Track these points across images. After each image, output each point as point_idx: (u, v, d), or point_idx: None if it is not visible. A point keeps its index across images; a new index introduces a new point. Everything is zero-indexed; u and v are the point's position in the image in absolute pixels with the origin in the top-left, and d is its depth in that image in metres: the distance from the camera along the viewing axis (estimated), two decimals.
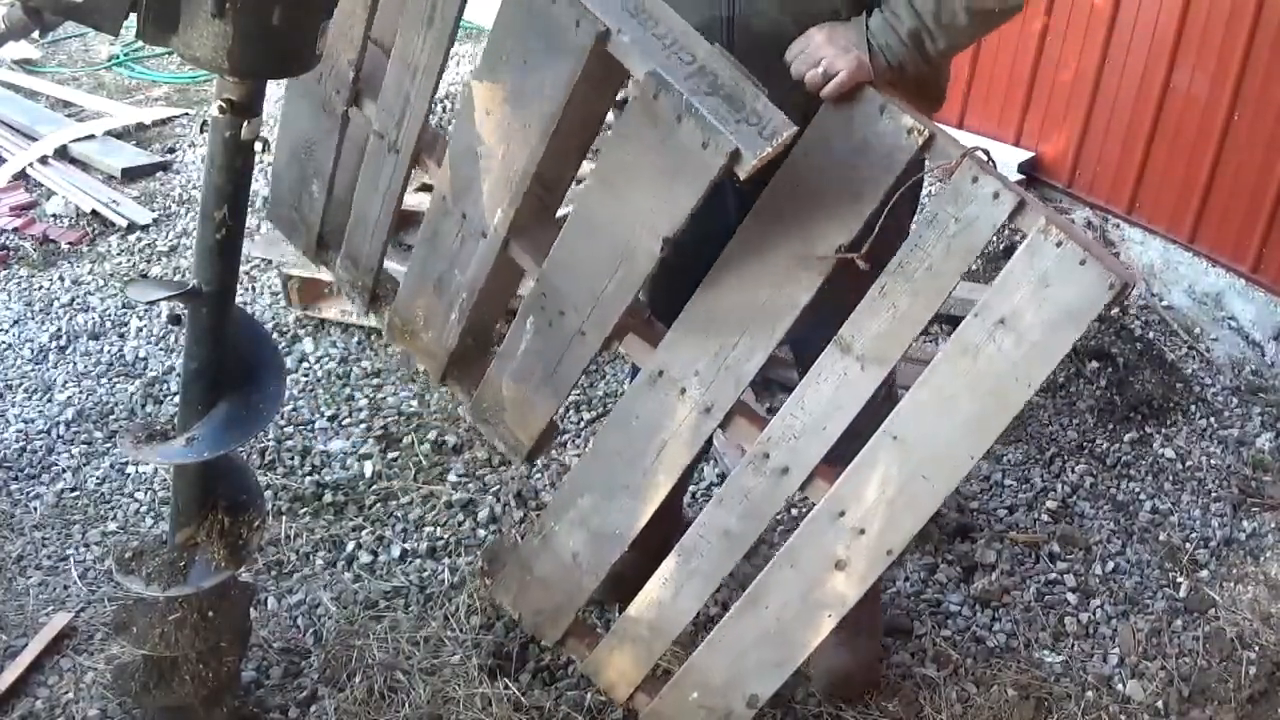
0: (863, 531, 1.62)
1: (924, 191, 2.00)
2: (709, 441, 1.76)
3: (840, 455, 1.65)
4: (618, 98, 1.77)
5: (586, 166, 2.22)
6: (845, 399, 1.58)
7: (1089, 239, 1.47)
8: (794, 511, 2.44)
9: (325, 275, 2.40)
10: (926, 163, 1.50)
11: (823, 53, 1.54)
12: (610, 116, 1.87)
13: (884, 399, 1.64)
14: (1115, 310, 3.37)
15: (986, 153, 1.48)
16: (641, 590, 1.84)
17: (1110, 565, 2.49)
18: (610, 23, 1.49)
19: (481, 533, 2.49)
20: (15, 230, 3.72)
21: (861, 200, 1.51)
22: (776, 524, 2.37)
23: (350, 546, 2.45)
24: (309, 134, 2.10)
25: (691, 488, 2.58)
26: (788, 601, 1.71)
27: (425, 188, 3.62)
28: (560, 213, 1.87)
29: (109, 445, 2.75)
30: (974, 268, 3.59)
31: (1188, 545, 2.56)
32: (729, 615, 1.78)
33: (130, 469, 2.67)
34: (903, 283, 1.51)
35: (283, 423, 2.80)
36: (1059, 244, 1.39)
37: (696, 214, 1.96)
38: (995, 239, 3.68)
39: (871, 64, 1.55)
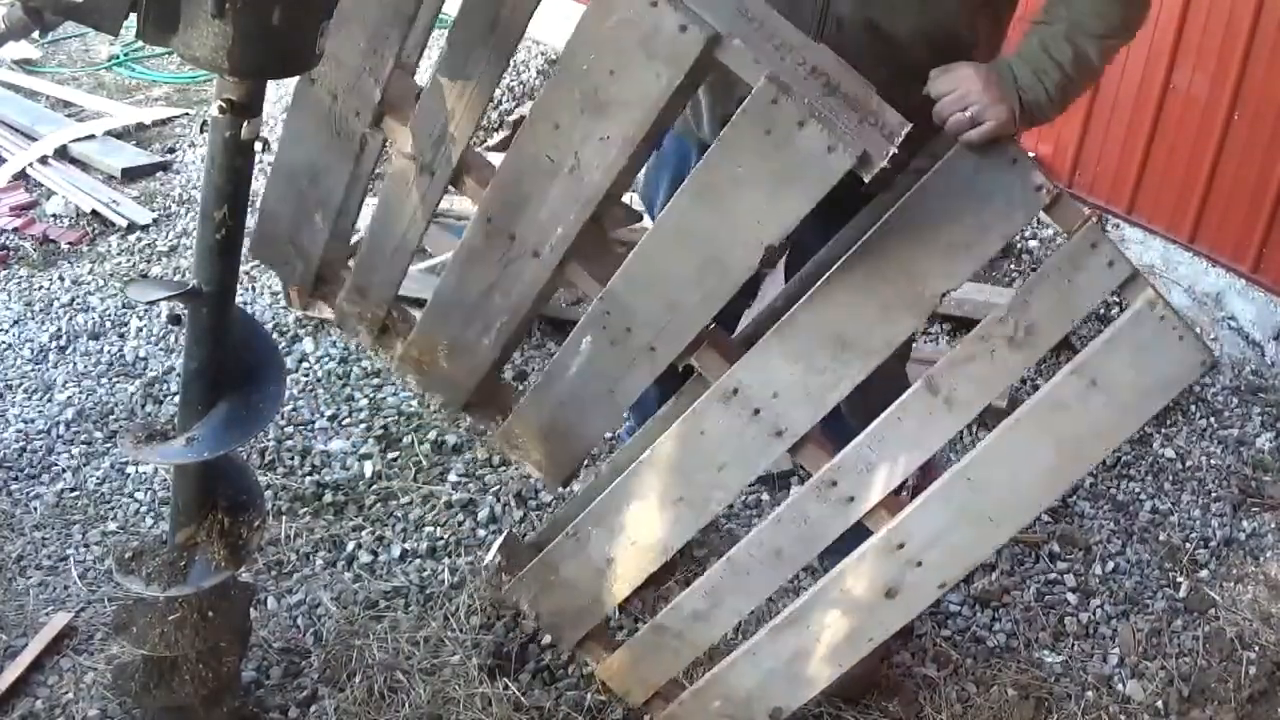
0: (920, 564, 1.65)
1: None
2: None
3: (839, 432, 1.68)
4: None
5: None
6: (926, 438, 1.60)
7: (1180, 315, 1.53)
8: None
9: (324, 313, 2.26)
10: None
11: (975, 98, 1.51)
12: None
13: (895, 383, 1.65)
14: (1115, 310, 3.37)
15: (1101, 218, 1.52)
16: (675, 600, 1.84)
17: (1110, 565, 2.49)
18: (721, 27, 1.41)
19: (481, 533, 2.49)
20: (15, 230, 3.72)
21: (974, 250, 1.52)
22: None
23: (350, 546, 2.45)
24: (315, 162, 1.96)
25: None
26: (833, 624, 1.72)
27: None
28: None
29: (109, 445, 2.75)
30: (985, 271, 3.59)
31: (1188, 545, 2.56)
32: (768, 630, 1.78)
33: (130, 469, 2.67)
34: (1007, 335, 1.52)
35: (283, 423, 2.80)
36: (1162, 318, 1.46)
37: None
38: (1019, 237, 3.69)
39: (1016, 116, 1.54)
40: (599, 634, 1.97)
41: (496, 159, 4.13)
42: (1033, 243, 3.62)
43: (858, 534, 1.70)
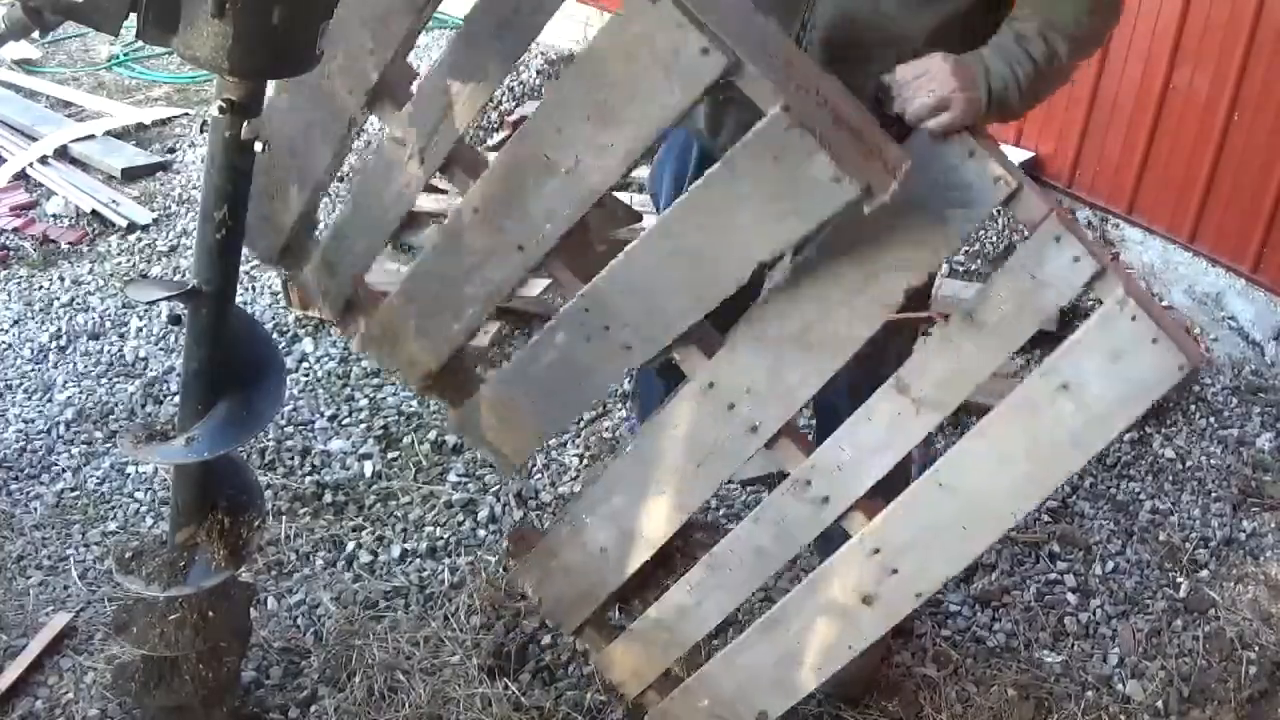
0: (895, 571, 1.63)
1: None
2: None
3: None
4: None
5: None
6: (895, 439, 1.58)
7: (1161, 312, 1.47)
8: None
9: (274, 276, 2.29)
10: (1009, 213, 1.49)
11: (941, 84, 1.48)
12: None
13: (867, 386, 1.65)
14: None
15: (1072, 211, 1.49)
16: (665, 593, 1.84)
17: (1110, 565, 2.49)
18: (742, 54, 1.43)
19: (481, 533, 2.49)
20: (15, 230, 3.72)
21: (934, 244, 1.50)
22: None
23: (350, 546, 2.45)
24: (297, 135, 1.99)
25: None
26: (813, 629, 1.71)
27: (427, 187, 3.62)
28: None
29: (109, 445, 2.75)
30: (976, 268, 3.58)
31: (1188, 545, 2.56)
32: (751, 631, 1.78)
33: (130, 469, 2.67)
34: (971, 332, 1.49)
35: (283, 423, 2.80)
36: (1134, 318, 1.39)
37: None
38: (997, 240, 3.70)
39: (983, 105, 1.52)
40: (597, 621, 1.97)
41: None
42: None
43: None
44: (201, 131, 4.40)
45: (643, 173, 3.68)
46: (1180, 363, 1.38)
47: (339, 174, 2.06)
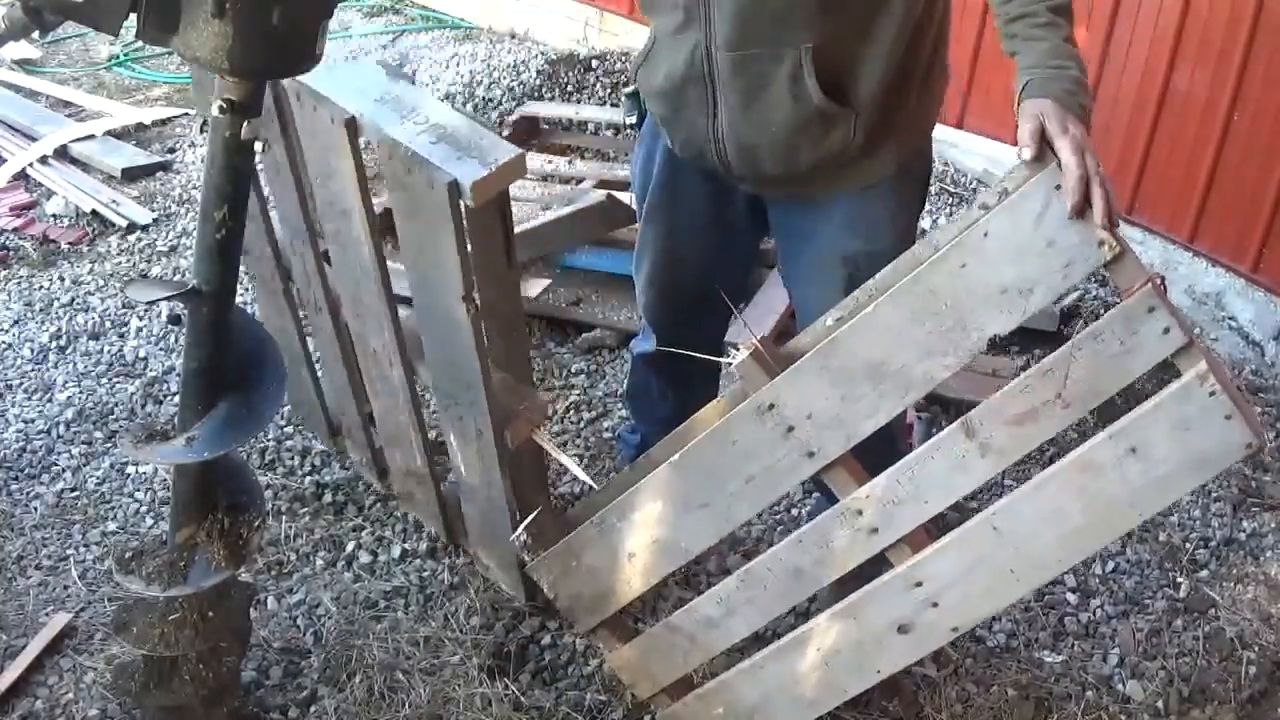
0: (935, 605, 1.63)
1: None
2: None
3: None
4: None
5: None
6: (957, 481, 1.56)
7: (1234, 388, 1.44)
8: None
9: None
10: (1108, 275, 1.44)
11: (1079, 156, 1.38)
12: None
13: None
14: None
15: (1162, 279, 1.45)
16: (691, 603, 1.84)
17: (1110, 565, 2.49)
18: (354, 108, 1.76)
19: None
20: (15, 230, 3.72)
21: (1030, 298, 1.45)
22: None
23: (350, 546, 2.45)
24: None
25: None
26: (841, 651, 1.71)
27: None
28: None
29: (109, 445, 2.75)
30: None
31: (1188, 545, 2.56)
32: (776, 647, 1.78)
33: (130, 469, 2.67)
34: (1048, 390, 1.47)
35: (283, 423, 2.80)
36: (1212, 394, 1.38)
37: (701, 225, 2.00)
38: None
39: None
40: (613, 623, 1.97)
41: None
42: None
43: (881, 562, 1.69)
44: (201, 131, 4.40)
45: None
46: (1249, 441, 1.39)
47: None
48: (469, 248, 1.78)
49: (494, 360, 1.96)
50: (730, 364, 1.63)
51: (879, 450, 1.66)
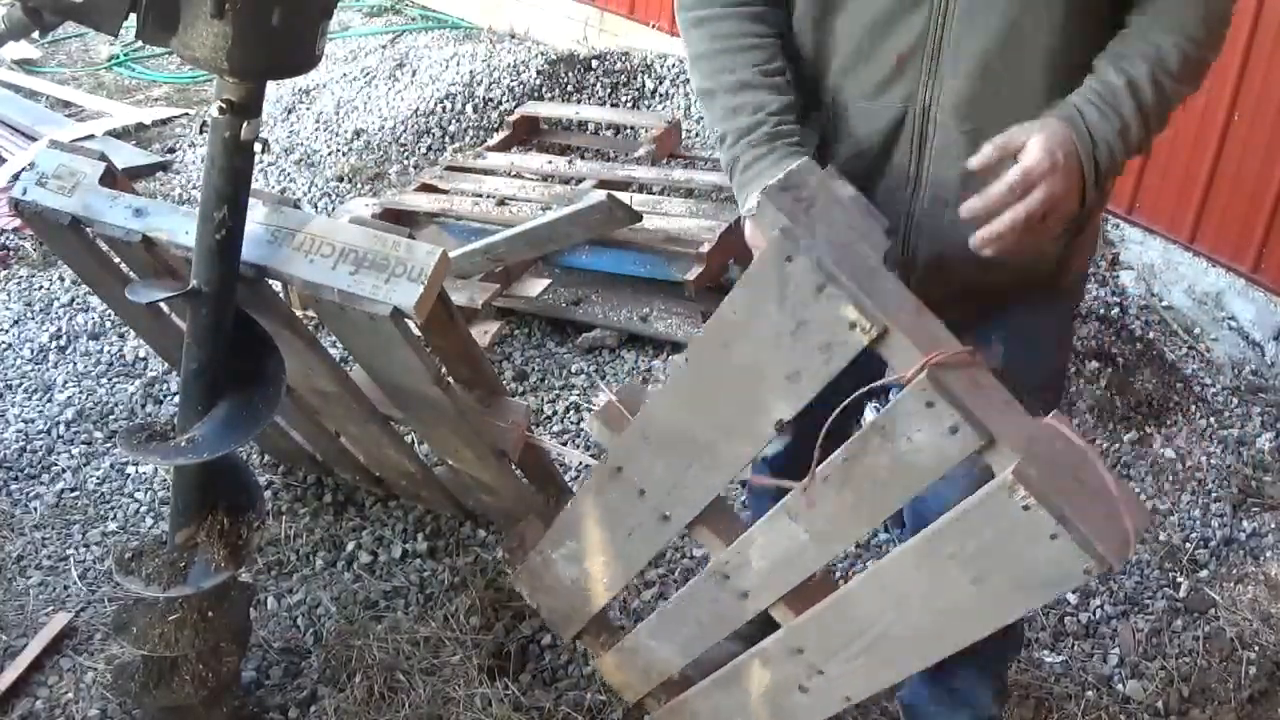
0: (821, 672, 1.51)
1: None
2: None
3: None
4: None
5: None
6: (791, 566, 1.45)
7: (1100, 474, 1.15)
8: None
9: None
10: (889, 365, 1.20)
11: (1045, 177, 1.20)
12: None
13: None
14: (1115, 310, 3.38)
15: (972, 352, 1.18)
16: (633, 629, 1.83)
17: None
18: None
19: (482, 533, 2.48)
20: (15, 230, 3.72)
21: (800, 383, 1.27)
22: None
23: (350, 546, 2.45)
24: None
25: None
26: (760, 695, 1.64)
27: (425, 188, 3.62)
28: None
29: (109, 445, 2.75)
30: None
31: (1188, 545, 2.56)
32: (709, 682, 1.74)
33: (130, 469, 2.67)
34: (846, 483, 1.30)
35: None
36: (1026, 507, 1.12)
37: None
38: None
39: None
40: (592, 631, 1.97)
41: (496, 159, 4.12)
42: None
43: None
44: (201, 132, 4.40)
45: (644, 172, 3.68)
46: (1085, 565, 1.11)
47: None
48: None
49: (461, 381, 1.97)
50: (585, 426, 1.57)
51: None
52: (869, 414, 2.07)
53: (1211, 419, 2.99)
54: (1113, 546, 1.12)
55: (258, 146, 1.47)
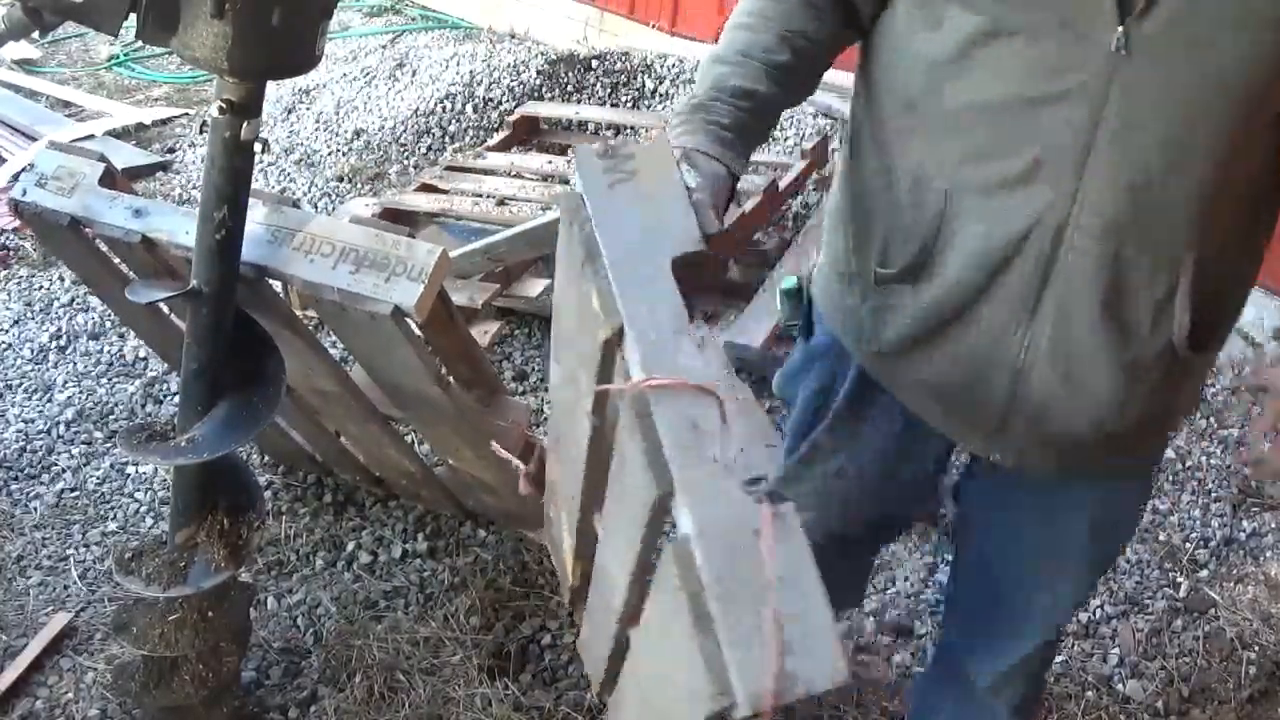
0: None
1: None
2: None
3: None
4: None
5: None
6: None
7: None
8: None
9: None
10: None
11: None
12: None
13: None
14: None
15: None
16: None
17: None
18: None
19: (482, 533, 2.48)
20: (15, 230, 3.71)
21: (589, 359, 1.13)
22: None
23: (350, 546, 2.45)
24: None
25: None
26: None
27: (425, 188, 3.62)
28: None
29: (109, 445, 2.75)
30: None
31: (1188, 545, 2.56)
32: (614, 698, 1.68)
33: (130, 469, 2.67)
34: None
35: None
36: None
37: (881, 467, 1.49)
38: None
39: None
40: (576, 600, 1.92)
41: (496, 159, 4.11)
42: None
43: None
44: (201, 132, 4.40)
45: None
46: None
47: None
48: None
49: (461, 381, 1.96)
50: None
51: None
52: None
53: (1211, 419, 2.99)
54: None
55: (258, 146, 1.47)
